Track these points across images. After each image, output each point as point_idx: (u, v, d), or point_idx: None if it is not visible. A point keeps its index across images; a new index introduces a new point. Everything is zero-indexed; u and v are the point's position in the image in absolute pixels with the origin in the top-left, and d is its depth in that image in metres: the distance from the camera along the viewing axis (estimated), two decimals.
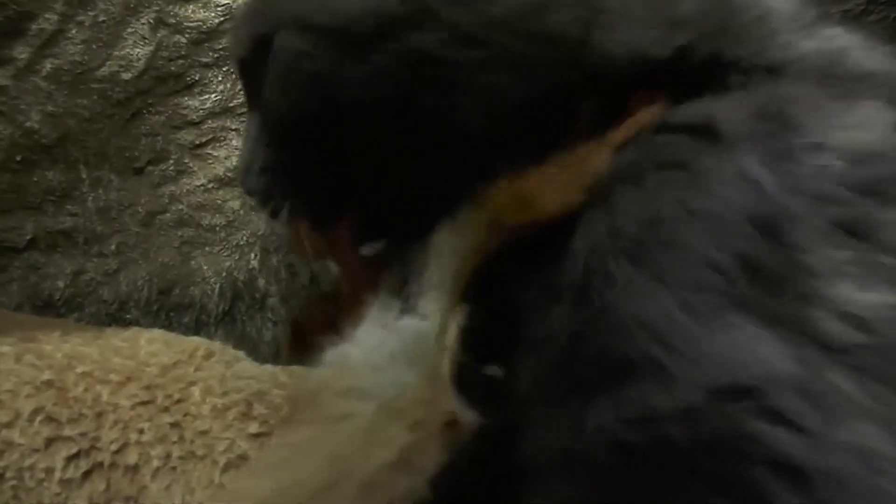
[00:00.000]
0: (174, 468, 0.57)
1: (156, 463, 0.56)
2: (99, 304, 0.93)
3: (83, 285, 0.93)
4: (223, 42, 1.02)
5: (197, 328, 0.98)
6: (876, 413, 0.30)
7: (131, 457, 0.56)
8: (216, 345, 0.71)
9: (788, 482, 0.29)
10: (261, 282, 1.00)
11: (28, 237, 0.93)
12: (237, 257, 1.00)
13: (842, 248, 0.33)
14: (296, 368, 0.69)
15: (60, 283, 0.92)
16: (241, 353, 0.72)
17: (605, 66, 0.40)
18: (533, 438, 0.36)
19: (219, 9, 1.02)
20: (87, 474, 0.54)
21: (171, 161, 1.00)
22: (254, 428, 0.60)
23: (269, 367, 0.70)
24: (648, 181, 0.37)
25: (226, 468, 0.57)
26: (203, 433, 0.59)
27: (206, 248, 0.99)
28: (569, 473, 0.34)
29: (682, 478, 0.30)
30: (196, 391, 0.62)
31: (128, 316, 0.94)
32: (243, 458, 0.58)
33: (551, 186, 0.40)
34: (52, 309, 0.91)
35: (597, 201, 0.38)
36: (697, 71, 0.41)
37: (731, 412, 0.30)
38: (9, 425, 0.54)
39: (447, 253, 0.43)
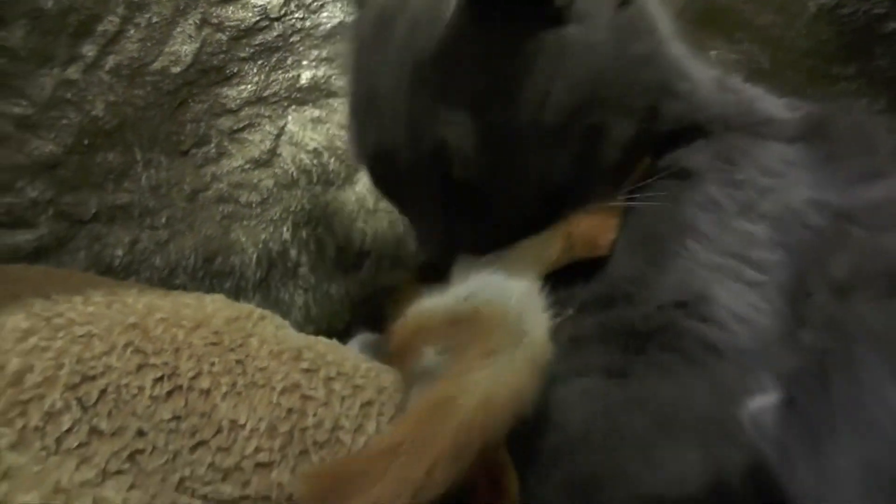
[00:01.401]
0: (239, 393, 0.67)
1: (224, 388, 0.66)
2: (152, 269, 1.03)
3: (138, 254, 1.03)
4: (258, 38, 1.12)
5: (237, 293, 1.07)
6: (778, 315, 0.46)
7: (204, 383, 0.66)
8: (267, 312, 0.81)
9: (708, 351, 0.45)
10: (293, 252, 1.11)
11: (93, 211, 1.03)
12: (272, 230, 1.10)
13: (754, 224, 0.56)
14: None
15: (119, 252, 1.02)
16: (286, 322, 0.82)
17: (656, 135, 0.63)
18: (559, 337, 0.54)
19: (255, 9, 1.12)
20: (169, 394, 0.64)
21: (213, 144, 1.09)
22: (304, 365, 0.71)
23: (319, 337, 0.80)
24: (649, 211, 0.59)
25: (282, 392, 0.67)
26: (262, 369, 0.69)
27: (244, 222, 1.09)
28: (575, 349, 0.54)
29: (640, 344, 0.47)
30: (254, 341, 0.73)
31: (177, 281, 1.04)
32: (296, 385, 0.68)
33: (606, 231, 0.60)
34: (112, 274, 1.00)
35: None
36: (677, 133, 0.63)
37: (671, 314, 0.47)
38: (107, 353, 0.64)
39: (529, 257, 0.61)
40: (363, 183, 1.17)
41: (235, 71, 1.11)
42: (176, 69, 1.09)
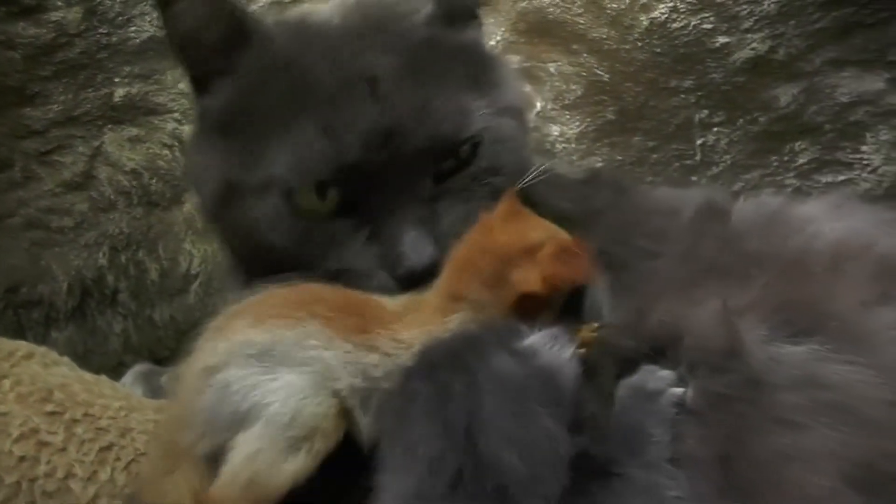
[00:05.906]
0: None
1: None
2: None
3: None
4: (59, 56, 1.07)
5: (47, 324, 1.02)
6: None
7: None
8: (41, 349, 0.76)
9: None
10: (110, 279, 1.06)
11: None
12: (86, 256, 1.05)
13: None
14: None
15: None
16: (65, 359, 0.76)
17: None
18: None
19: (50, 25, 1.07)
20: None
21: (17, 168, 1.05)
22: (50, 408, 0.66)
23: (85, 373, 0.75)
24: None
25: (17, 440, 0.63)
26: (3, 414, 0.64)
27: (56, 249, 1.05)
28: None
29: None
30: (7, 383, 0.68)
31: None
32: (35, 430, 0.64)
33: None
34: None
35: None
36: None
37: None
38: None
39: None
40: (192, 203, 1.14)
41: (38, 91, 1.07)
42: None
